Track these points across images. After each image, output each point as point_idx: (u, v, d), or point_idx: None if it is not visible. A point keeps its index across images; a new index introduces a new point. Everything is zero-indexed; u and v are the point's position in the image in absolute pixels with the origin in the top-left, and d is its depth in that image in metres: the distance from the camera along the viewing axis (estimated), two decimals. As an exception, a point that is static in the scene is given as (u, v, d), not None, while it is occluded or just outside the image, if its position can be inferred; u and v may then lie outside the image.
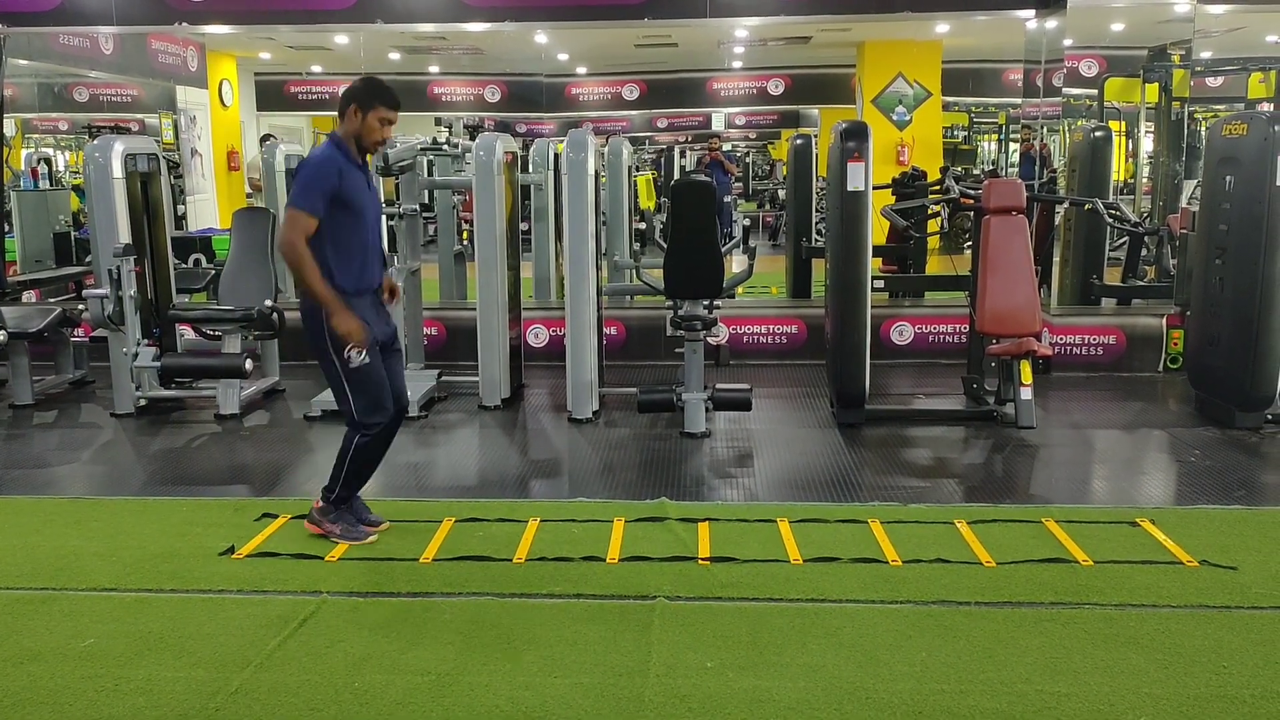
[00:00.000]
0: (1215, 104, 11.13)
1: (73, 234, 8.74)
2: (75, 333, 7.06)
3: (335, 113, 3.99)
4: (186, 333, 6.87)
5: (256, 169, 10.77)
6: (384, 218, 5.12)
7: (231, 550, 4.00)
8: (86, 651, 3.22)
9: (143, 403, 6.29)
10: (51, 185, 9.73)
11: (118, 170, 6.08)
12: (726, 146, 16.48)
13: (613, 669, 3.08)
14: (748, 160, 19.09)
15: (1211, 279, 5.73)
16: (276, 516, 4.37)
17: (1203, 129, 8.81)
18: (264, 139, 11.97)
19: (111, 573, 3.82)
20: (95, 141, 6.27)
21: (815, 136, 9.71)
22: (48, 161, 10.21)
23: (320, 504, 4.18)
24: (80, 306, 6.74)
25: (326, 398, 6.19)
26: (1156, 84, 8.07)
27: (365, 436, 4.06)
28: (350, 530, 4.14)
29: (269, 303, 6.32)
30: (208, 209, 10.93)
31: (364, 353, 3.90)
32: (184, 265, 8.30)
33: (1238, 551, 3.89)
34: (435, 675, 3.05)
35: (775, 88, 13.77)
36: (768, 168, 18.88)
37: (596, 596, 3.58)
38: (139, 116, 10.63)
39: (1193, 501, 4.54)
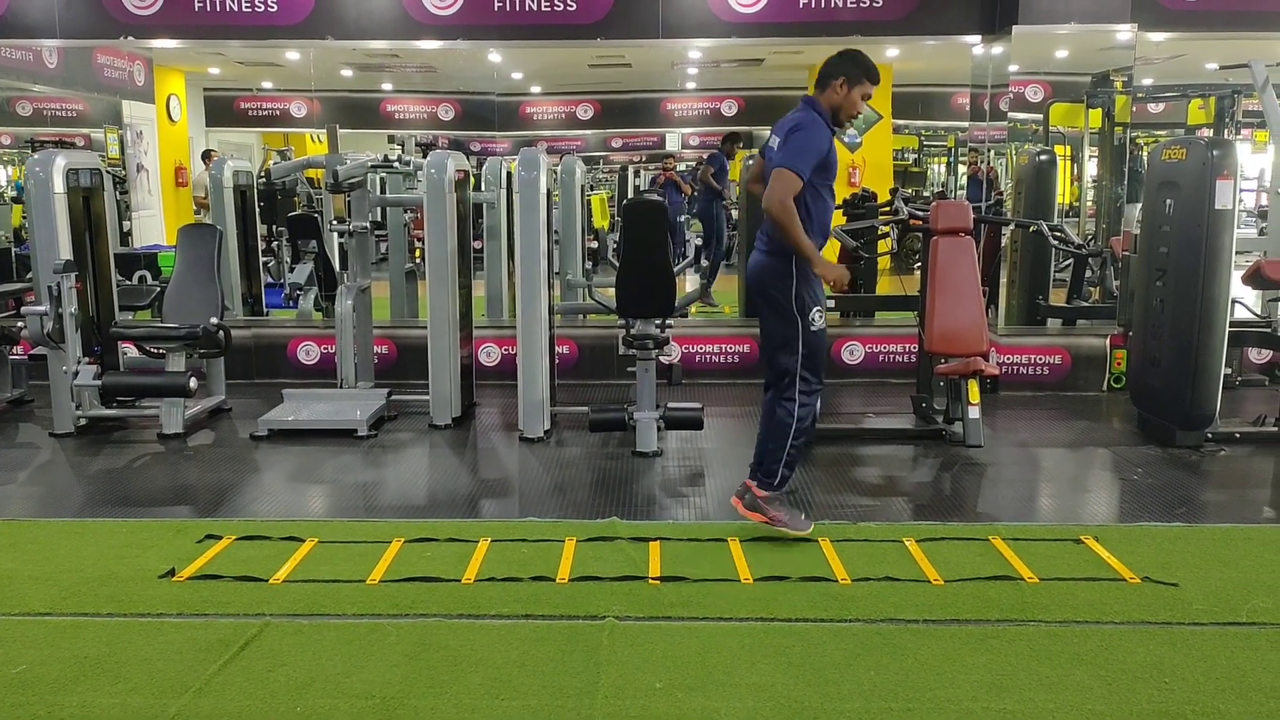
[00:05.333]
0: (1156, 129, 11.39)
1: (13, 250, 8.55)
2: (14, 350, 6.90)
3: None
4: (130, 350, 6.73)
5: (202, 187, 10.62)
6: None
7: (172, 573, 3.91)
8: (18, 678, 3.13)
9: (83, 422, 6.15)
10: (-8, 200, 9.52)
11: (59, 185, 5.97)
12: (681, 167, 16.55)
13: (561, 690, 3.05)
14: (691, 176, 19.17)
15: (1152, 300, 5.84)
16: (220, 538, 4.28)
17: (1144, 153, 9.00)
18: (204, 155, 11.82)
19: (46, 596, 3.72)
20: (36, 156, 6.15)
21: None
22: (-12, 176, 10.01)
23: (760, 491, 4.19)
24: (19, 324, 6.58)
25: (274, 416, 6.12)
26: (1099, 109, 8.23)
27: (806, 403, 4.13)
28: (795, 519, 4.19)
29: (215, 320, 6.21)
30: (154, 225, 10.75)
31: (822, 315, 4.09)
32: (128, 282, 8.15)
33: (1179, 568, 3.95)
34: (380, 699, 3.00)
35: (729, 108, 13.89)
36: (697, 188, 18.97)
37: (546, 617, 3.55)
38: (84, 131, 10.44)
39: (1135, 519, 4.61)
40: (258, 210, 8.63)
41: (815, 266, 4.04)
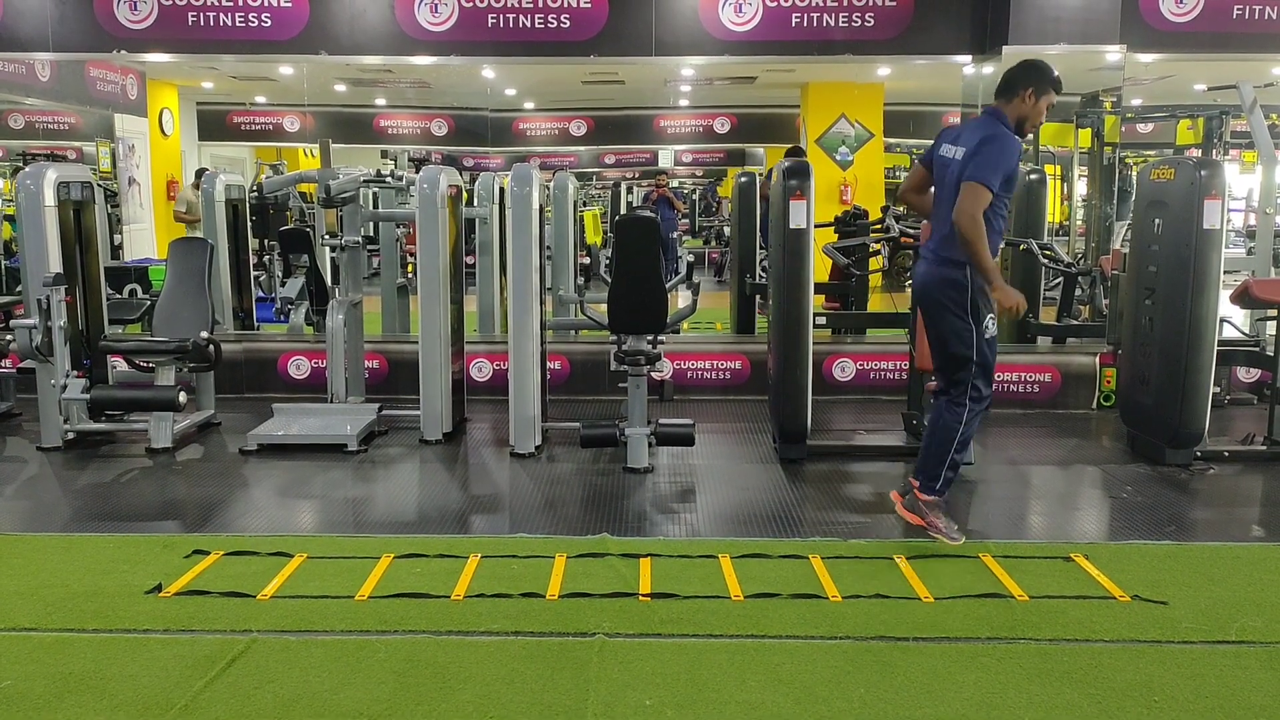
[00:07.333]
0: (1145, 149, 11.48)
1: (3, 263, 8.53)
2: (2, 364, 6.87)
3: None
4: (120, 364, 6.71)
5: (185, 203, 10.61)
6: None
7: (159, 588, 3.89)
8: (3, 694, 3.10)
9: (71, 436, 6.12)
10: (-18, 213, 9.50)
11: (50, 198, 5.96)
12: (674, 183, 16.63)
13: (550, 707, 3.03)
14: (694, 197, 19.27)
15: (1141, 319, 5.87)
16: (208, 553, 4.26)
17: (1133, 173, 9.06)
18: (199, 173, 11.82)
19: (32, 612, 3.69)
20: (27, 169, 6.14)
21: (760, 174, 9.82)
22: (-21, 189, 9.99)
23: (924, 495, 4.26)
24: (8, 337, 6.56)
25: (263, 431, 6.10)
26: (1089, 129, 8.30)
27: (975, 410, 4.20)
28: (951, 529, 4.22)
29: (205, 334, 6.20)
30: (145, 238, 10.75)
31: (995, 322, 4.18)
32: (118, 296, 8.13)
33: (1168, 586, 3.96)
34: (368, 716, 2.98)
35: (721, 126, 13.96)
36: (714, 205, 19.09)
37: (535, 634, 3.54)
38: (76, 144, 10.45)
39: (1125, 537, 4.61)
40: (249, 224, 8.62)
41: (994, 290, 4.02)
